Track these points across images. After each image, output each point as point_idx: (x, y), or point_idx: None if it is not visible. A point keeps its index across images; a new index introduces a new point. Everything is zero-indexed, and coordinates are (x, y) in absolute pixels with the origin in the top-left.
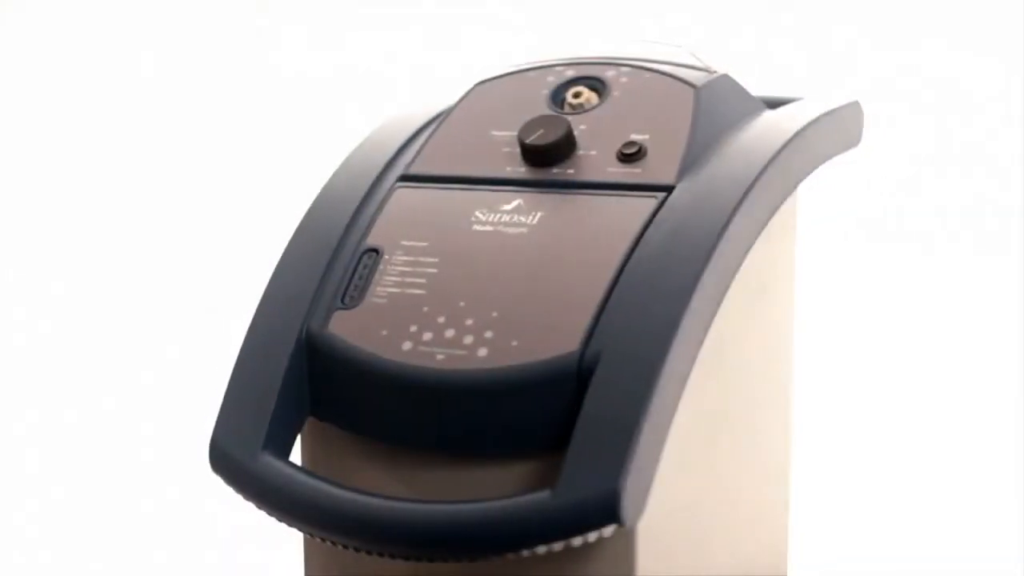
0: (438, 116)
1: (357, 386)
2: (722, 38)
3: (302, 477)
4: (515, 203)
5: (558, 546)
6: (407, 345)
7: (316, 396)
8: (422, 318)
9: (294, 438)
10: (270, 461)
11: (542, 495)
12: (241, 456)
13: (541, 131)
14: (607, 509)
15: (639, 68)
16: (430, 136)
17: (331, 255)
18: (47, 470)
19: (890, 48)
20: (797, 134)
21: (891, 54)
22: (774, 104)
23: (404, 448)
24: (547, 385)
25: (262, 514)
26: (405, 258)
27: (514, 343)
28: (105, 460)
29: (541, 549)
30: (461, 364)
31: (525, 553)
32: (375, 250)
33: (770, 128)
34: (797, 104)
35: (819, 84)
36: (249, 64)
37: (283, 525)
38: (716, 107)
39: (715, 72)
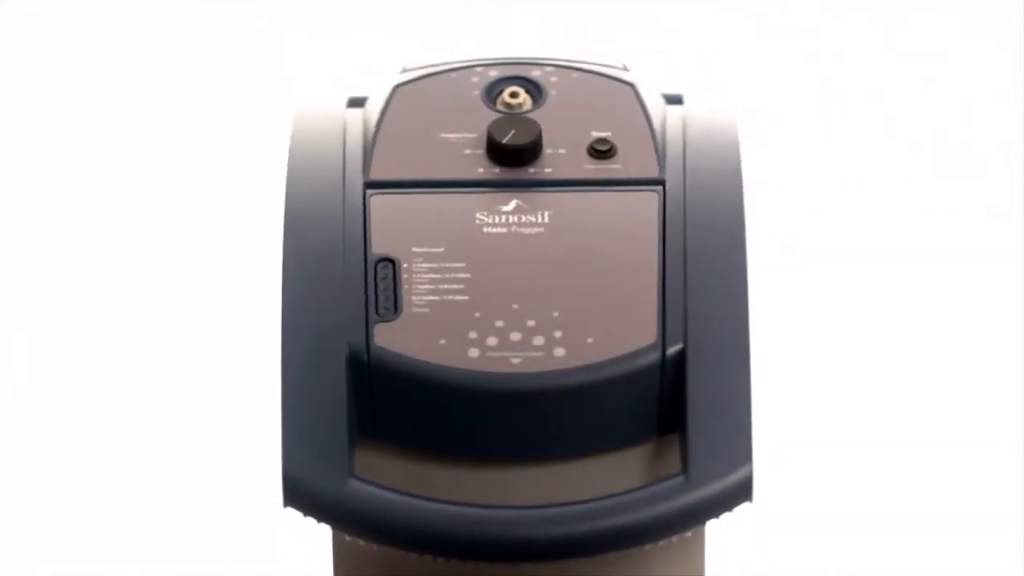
0: (347, 122)
1: (425, 400)
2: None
3: (417, 501)
4: (513, 204)
5: (689, 532)
6: (474, 352)
7: (367, 415)
8: (478, 324)
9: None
10: (365, 488)
11: (676, 481)
12: (329, 488)
13: (513, 131)
14: (743, 488)
15: (563, 67)
16: (373, 141)
17: (342, 268)
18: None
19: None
20: (735, 125)
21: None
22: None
23: (481, 457)
24: (634, 378)
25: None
26: (428, 265)
27: (589, 340)
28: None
29: (675, 536)
30: (542, 366)
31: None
32: (388, 259)
33: (709, 120)
34: (697, 98)
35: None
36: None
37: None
38: (651, 102)
39: (630, 69)
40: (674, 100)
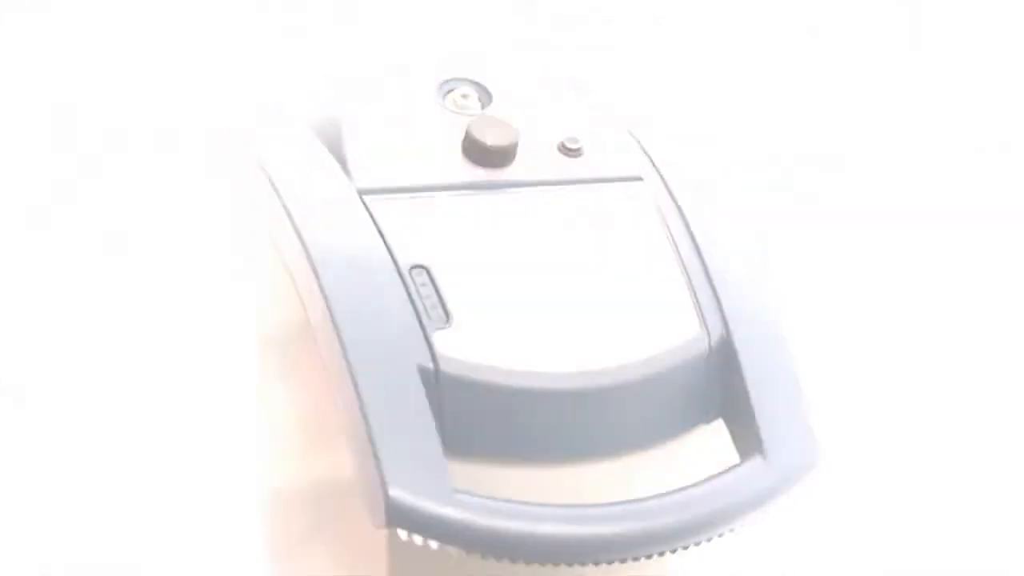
0: (296, 129)
1: (496, 405)
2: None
3: (533, 508)
4: (513, 205)
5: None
6: (538, 354)
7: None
8: (531, 325)
9: None
10: (474, 500)
11: (756, 462)
12: (439, 505)
13: (492, 132)
14: (812, 464)
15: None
16: (340, 146)
17: (380, 279)
18: None
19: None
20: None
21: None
22: None
23: (548, 460)
24: (688, 367)
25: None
26: (458, 269)
27: (641, 333)
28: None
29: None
30: (606, 362)
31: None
32: (421, 266)
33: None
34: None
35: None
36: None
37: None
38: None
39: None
40: None
